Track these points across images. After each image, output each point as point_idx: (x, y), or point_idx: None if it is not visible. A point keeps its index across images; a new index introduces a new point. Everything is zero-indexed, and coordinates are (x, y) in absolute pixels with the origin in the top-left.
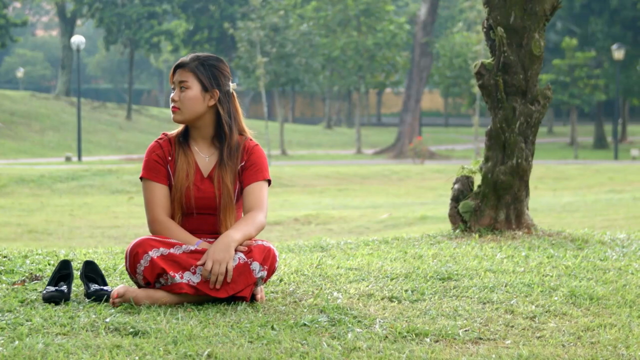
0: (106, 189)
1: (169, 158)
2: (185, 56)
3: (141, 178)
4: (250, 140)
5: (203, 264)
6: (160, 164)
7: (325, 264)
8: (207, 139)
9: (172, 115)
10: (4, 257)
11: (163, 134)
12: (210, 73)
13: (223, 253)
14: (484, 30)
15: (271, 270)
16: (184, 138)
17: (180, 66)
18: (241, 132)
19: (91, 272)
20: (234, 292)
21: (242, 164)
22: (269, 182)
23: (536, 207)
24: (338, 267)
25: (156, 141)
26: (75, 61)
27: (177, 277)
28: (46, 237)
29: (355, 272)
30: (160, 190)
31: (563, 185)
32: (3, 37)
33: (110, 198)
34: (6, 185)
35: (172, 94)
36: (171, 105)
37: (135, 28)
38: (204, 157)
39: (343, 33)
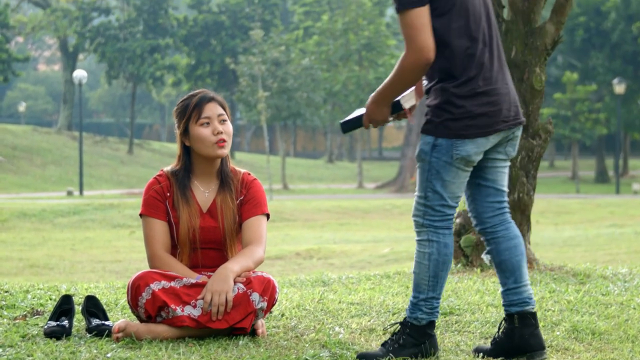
0: (108, 224)
1: (168, 194)
2: (199, 91)
3: (141, 215)
4: (249, 174)
5: (203, 297)
6: (159, 200)
7: (326, 299)
8: (212, 173)
9: (217, 151)
10: (6, 291)
11: (161, 170)
12: (224, 103)
13: (222, 284)
14: None
15: (271, 302)
16: (185, 173)
17: (211, 100)
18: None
19: (93, 307)
20: (234, 322)
21: (241, 197)
22: (268, 216)
23: (538, 242)
24: (340, 302)
25: (155, 177)
26: (77, 95)
27: (179, 310)
28: (48, 271)
29: (357, 306)
30: (160, 227)
31: (565, 220)
32: (5, 71)
33: (111, 232)
34: (8, 220)
35: (211, 128)
36: (217, 140)
37: (137, 63)
38: (204, 191)
39: (344, 67)
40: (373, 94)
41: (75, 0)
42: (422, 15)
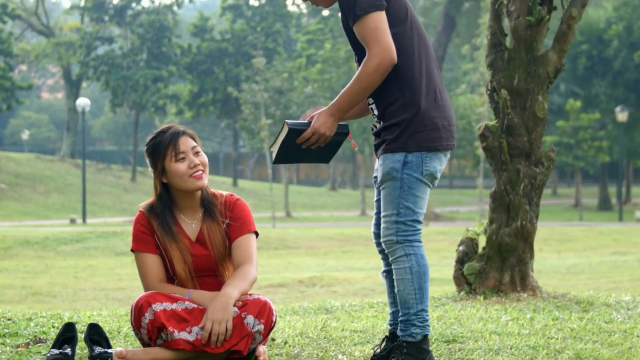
0: (110, 251)
1: (155, 229)
2: (165, 128)
3: (132, 250)
4: (231, 195)
5: (203, 326)
6: (147, 234)
7: (329, 326)
8: (196, 204)
9: (197, 183)
10: (8, 319)
11: (144, 204)
12: (194, 135)
13: (222, 312)
14: (488, 92)
15: (269, 325)
16: (168, 210)
17: (183, 134)
18: None
19: (95, 334)
20: (229, 345)
21: (227, 220)
22: (256, 233)
23: (541, 269)
24: (343, 330)
25: (140, 211)
26: (80, 123)
27: (176, 332)
28: (50, 299)
29: (360, 334)
30: (151, 260)
31: (568, 247)
32: (9, 99)
33: (114, 260)
34: (11, 248)
35: (187, 162)
36: (195, 173)
37: (140, 91)
38: (190, 223)
39: None
40: (328, 107)
41: (78, 29)
42: (383, 18)
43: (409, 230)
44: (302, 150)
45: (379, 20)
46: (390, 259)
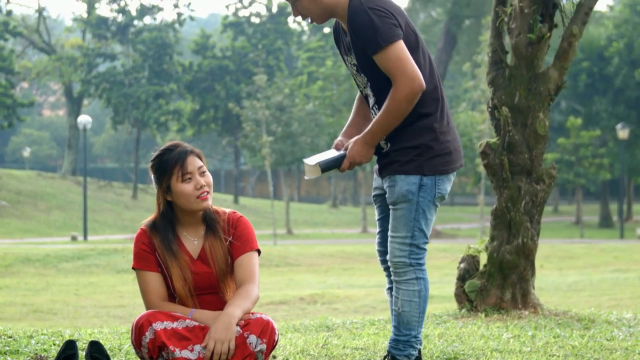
0: (112, 269)
1: (156, 246)
2: (172, 145)
3: (133, 268)
4: (234, 213)
5: (206, 345)
6: (149, 252)
7: (331, 344)
8: (198, 221)
9: (202, 204)
10: (9, 337)
11: (146, 221)
12: (201, 154)
13: (225, 332)
14: (489, 109)
15: (271, 344)
16: (170, 226)
17: (190, 153)
18: None
19: (96, 352)
20: None
21: (230, 237)
22: (259, 251)
23: (542, 286)
24: (344, 347)
25: (141, 229)
26: (81, 141)
27: (177, 351)
28: (51, 316)
29: (362, 351)
30: (153, 278)
31: (569, 265)
32: (10, 117)
33: (115, 277)
34: (12, 265)
35: (193, 183)
36: (201, 194)
37: (142, 108)
38: (192, 240)
39: (349, 112)
40: (362, 136)
41: (80, 47)
42: (404, 47)
43: (420, 254)
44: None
45: (402, 49)
46: (397, 279)
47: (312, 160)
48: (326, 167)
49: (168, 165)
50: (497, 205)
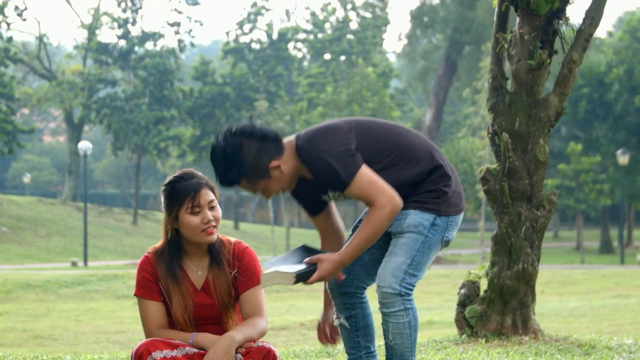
0: (112, 294)
1: (159, 274)
2: (187, 174)
3: (135, 295)
4: (240, 243)
5: None
6: (151, 281)
7: None
8: (203, 251)
9: (207, 238)
10: None
11: (152, 248)
12: (214, 186)
13: (223, 354)
14: (489, 135)
15: None
16: (175, 254)
17: (202, 186)
18: None
19: None
20: None
21: (235, 271)
22: None
23: (543, 312)
24: None
25: (145, 256)
26: (82, 167)
27: None
28: (51, 342)
29: None
30: (154, 307)
31: (569, 290)
32: (11, 143)
33: (115, 303)
34: (12, 291)
35: (201, 216)
36: (207, 228)
37: (142, 134)
38: (196, 270)
39: None
40: (339, 257)
41: (81, 72)
42: (368, 169)
43: (411, 285)
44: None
45: (367, 172)
46: (386, 311)
47: (285, 268)
48: (300, 278)
49: (180, 195)
50: (498, 231)
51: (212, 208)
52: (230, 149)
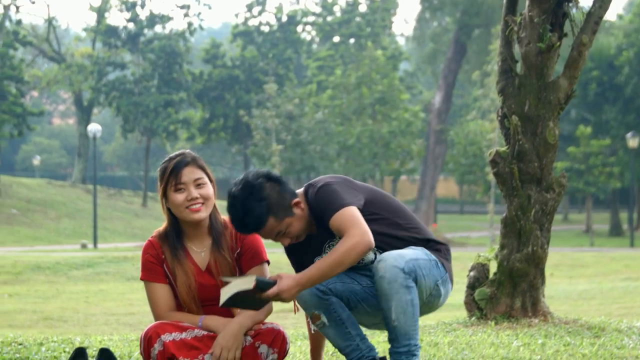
0: (121, 276)
1: (163, 257)
2: (175, 154)
3: (141, 279)
4: None
5: (212, 351)
6: (156, 264)
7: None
8: (203, 232)
9: (193, 215)
10: (20, 344)
11: (156, 231)
12: (204, 165)
13: (232, 340)
14: (499, 118)
15: (282, 353)
16: (176, 234)
17: (188, 164)
18: None
19: (106, 359)
20: None
21: (238, 251)
22: (268, 262)
23: (552, 295)
24: None
25: (149, 240)
26: (91, 149)
27: None
28: (61, 324)
29: None
30: (161, 290)
31: (579, 273)
32: (20, 125)
33: (125, 285)
34: (22, 273)
35: (185, 194)
36: (192, 205)
37: (152, 117)
38: (199, 252)
39: (358, 121)
40: (299, 277)
41: (90, 55)
42: (358, 212)
43: (413, 270)
44: (247, 299)
45: (356, 211)
46: (388, 289)
47: (230, 288)
48: (260, 285)
49: (164, 173)
50: (507, 214)
51: (198, 186)
52: (255, 189)
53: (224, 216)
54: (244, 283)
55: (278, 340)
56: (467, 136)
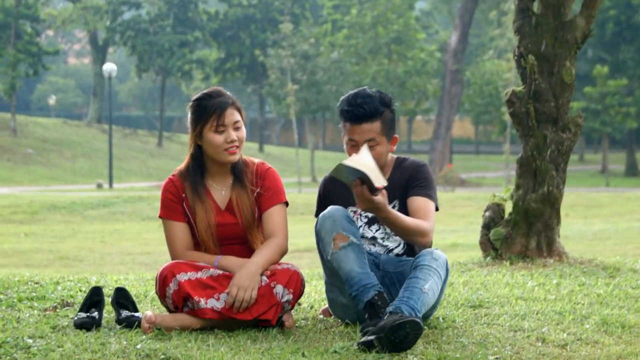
0: (137, 216)
1: (183, 195)
2: (215, 92)
3: (160, 217)
4: (263, 163)
5: (229, 291)
6: (176, 202)
7: None
8: (226, 171)
9: (229, 157)
10: (36, 283)
11: (176, 170)
12: (241, 107)
13: (248, 280)
14: (515, 58)
15: (297, 293)
16: (198, 172)
17: (230, 105)
18: None
19: (122, 298)
20: (257, 313)
21: (258, 189)
22: (287, 203)
23: (567, 235)
24: None
25: (169, 178)
26: (106, 89)
27: (202, 302)
28: (77, 263)
29: None
30: (179, 228)
31: (594, 213)
32: (36, 65)
33: (141, 225)
34: (38, 212)
35: (225, 135)
36: (230, 147)
37: (167, 56)
38: (220, 189)
39: (374, 61)
40: (388, 208)
41: None
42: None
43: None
44: (351, 183)
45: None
46: (426, 262)
47: (376, 174)
48: (372, 186)
49: (206, 112)
50: (523, 154)
51: (236, 129)
52: (389, 97)
53: (246, 156)
54: (376, 175)
55: (293, 281)
56: (483, 76)
